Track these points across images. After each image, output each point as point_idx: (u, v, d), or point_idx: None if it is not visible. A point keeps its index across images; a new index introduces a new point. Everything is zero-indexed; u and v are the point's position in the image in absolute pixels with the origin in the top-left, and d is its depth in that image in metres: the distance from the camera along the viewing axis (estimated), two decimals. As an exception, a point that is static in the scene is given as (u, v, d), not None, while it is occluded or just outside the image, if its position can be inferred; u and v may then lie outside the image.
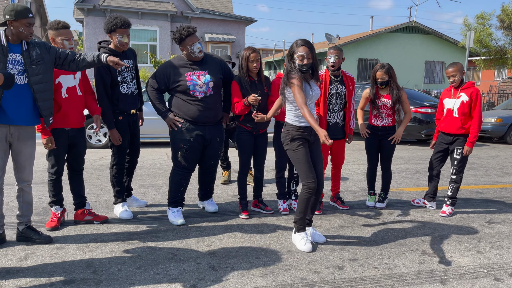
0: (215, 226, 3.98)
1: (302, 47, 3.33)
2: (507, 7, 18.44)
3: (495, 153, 9.98)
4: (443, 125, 4.58)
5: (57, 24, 3.62)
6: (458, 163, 4.50)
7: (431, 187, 4.81)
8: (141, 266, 3.07)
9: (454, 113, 4.44)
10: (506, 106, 13.70)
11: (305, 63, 3.33)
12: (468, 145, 4.38)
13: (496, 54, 19.59)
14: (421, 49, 24.46)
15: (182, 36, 3.82)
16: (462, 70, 4.41)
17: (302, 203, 3.47)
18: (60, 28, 3.62)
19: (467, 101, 4.35)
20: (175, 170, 4.02)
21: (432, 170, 4.77)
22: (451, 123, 4.47)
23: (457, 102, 4.42)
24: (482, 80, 29.31)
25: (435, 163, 4.73)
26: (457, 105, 4.41)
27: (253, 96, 3.86)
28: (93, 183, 5.61)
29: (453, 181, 4.57)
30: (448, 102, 4.54)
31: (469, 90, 4.39)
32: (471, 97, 4.35)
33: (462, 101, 4.38)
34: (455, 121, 4.44)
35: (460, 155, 4.47)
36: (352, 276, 3.00)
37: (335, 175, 4.70)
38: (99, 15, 17.68)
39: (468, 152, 4.41)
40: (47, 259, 3.15)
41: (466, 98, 4.36)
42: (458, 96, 4.42)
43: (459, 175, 4.53)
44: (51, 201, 3.80)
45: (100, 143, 8.85)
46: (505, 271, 3.15)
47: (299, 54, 3.33)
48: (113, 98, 3.98)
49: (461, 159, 4.48)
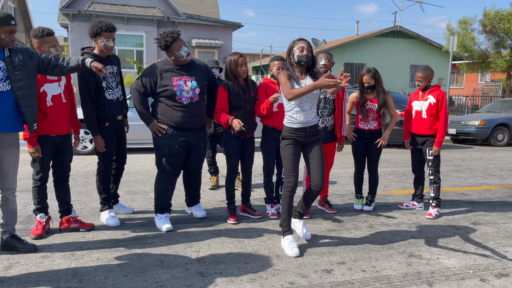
0: (203, 232, 3.96)
1: (302, 41, 3.44)
2: (489, 12, 18.81)
3: (480, 155, 10.14)
4: (413, 126, 4.77)
5: (41, 32, 3.56)
6: (432, 163, 4.65)
7: (417, 189, 4.89)
8: (128, 274, 3.03)
9: (423, 114, 4.65)
10: (490, 109, 13.95)
11: (305, 53, 3.41)
12: (436, 145, 4.57)
13: (479, 58, 19.95)
14: (406, 53, 24.79)
15: (167, 43, 3.79)
16: (430, 77, 4.63)
17: (283, 203, 3.54)
18: (44, 36, 3.56)
19: (434, 103, 4.57)
20: (160, 176, 3.99)
21: (416, 172, 4.87)
22: (421, 125, 4.67)
23: (425, 104, 4.64)
24: (466, 84, 29.81)
25: (416, 166, 4.86)
26: (425, 106, 4.62)
27: (239, 123, 3.86)
28: (79, 190, 5.54)
29: (433, 181, 4.69)
30: (416, 104, 4.74)
31: (435, 93, 4.60)
32: (438, 99, 4.56)
33: (430, 103, 4.59)
34: (424, 122, 4.64)
35: (432, 155, 4.62)
36: (340, 279, 3.00)
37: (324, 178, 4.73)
38: (84, 20, 17.55)
39: (437, 152, 4.58)
40: (32, 268, 3.09)
41: (433, 100, 4.57)
42: (426, 99, 4.64)
43: (436, 174, 4.66)
44: (35, 209, 3.74)
45: (86, 150, 8.75)
46: (491, 271, 3.19)
47: (299, 46, 3.42)
48: (98, 104, 3.94)
49: (434, 159, 4.63)
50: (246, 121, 4.17)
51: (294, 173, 3.48)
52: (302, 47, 3.41)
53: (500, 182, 6.68)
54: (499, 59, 19.00)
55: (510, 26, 17.93)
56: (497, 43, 19.19)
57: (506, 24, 18.05)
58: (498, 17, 18.40)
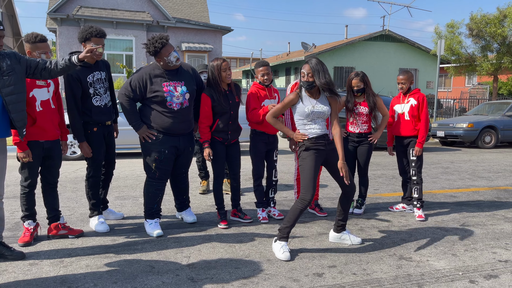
0: (193, 237, 3.94)
1: (305, 65, 3.51)
2: (476, 16, 19.10)
3: (468, 157, 10.26)
4: (396, 129, 4.85)
5: (34, 37, 3.53)
6: (415, 164, 4.73)
7: (406, 191, 4.92)
8: (118, 280, 3.00)
9: (405, 116, 4.75)
10: (477, 111, 14.13)
11: (305, 79, 3.48)
12: (418, 146, 4.67)
13: (466, 61, 20.24)
14: (394, 57, 25.04)
15: (157, 49, 3.75)
16: (411, 79, 4.77)
17: (292, 213, 3.49)
18: (37, 42, 3.53)
19: (415, 105, 4.70)
20: (149, 182, 3.97)
21: (404, 174, 4.93)
22: (404, 126, 4.76)
23: (406, 106, 4.75)
24: (454, 87, 30.17)
25: (403, 168, 4.92)
26: (407, 108, 4.73)
27: (210, 154, 4.00)
28: (68, 196, 5.48)
29: (415, 183, 4.76)
30: (398, 107, 4.84)
31: (416, 95, 4.73)
32: (418, 101, 4.69)
33: (411, 105, 4.71)
34: (407, 124, 4.74)
35: (415, 156, 4.70)
36: (331, 283, 3.01)
37: None
38: (73, 24, 17.43)
39: (419, 152, 4.67)
40: (20, 276, 3.05)
41: (415, 102, 4.70)
42: (407, 101, 4.75)
43: (419, 175, 4.75)
44: (23, 216, 3.69)
45: (75, 155, 8.68)
46: (480, 273, 3.22)
47: (301, 71, 3.52)
48: (85, 110, 3.90)
49: (417, 159, 4.72)
50: (231, 127, 4.16)
51: (313, 187, 3.45)
52: (303, 72, 3.50)
53: (488, 184, 6.76)
54: (486, 62, 19.29)
55: (496, 30, 18.23)
56: (484, 46, 19.49)
57: (492, 28, 18.35)
58: (485, 21, 18.71)
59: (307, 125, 3.57)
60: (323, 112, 3.53)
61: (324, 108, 3.53)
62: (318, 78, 3.43)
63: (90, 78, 3.87)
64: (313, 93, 3.57)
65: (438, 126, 13.07)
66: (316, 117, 3.54)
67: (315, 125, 3.55)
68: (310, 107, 3.52)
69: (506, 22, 18.40)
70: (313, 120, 3.55)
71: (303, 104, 3.54)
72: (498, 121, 12.53)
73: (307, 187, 3.43)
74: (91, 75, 3.88)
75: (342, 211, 3.78)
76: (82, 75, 3.82)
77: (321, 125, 3.57)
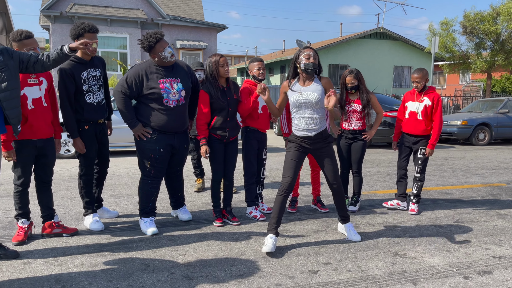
0: (189, 235, 3.94)
1: (308, 49, 3.56)
2: (469, 14, 19.17)
3: (462, 154, 10.32)
4: (407, 127, 4.80)
5: (19, 35, 3.48)
6: (421, 162, 4.73)
7: (401, 188, 4.92)
8: (112, 279, 2.99)
9: (418, 115, 4.69)
10: (471, 109, 14.21)
11: (311, 61, 3.52)
12: (429, 147, 4.65)
13: (460, 58, 20.31)
14: (389, 55, 25.10)
15: (151, 44, 3.74)
16: (427, 77, 4.69)
17: (275, 202, 3.59)
18: (23, 39, 3.49)
19: (429, 105, 4.63)
20: (144, 180, 3.95)
21: (401, 170, 4.92)
22: (416, 126, 4.71)
23: (420, 105, 4.68)
24: (448, 84, 30.30)
25: (402, 164, 4.90)
26: (421, 108, 4.67)
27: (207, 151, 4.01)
28: (62, 195, 5.45)
29: (418, 179, 4.79)
30: (411, 105, 4.76)
31: (431, 95, 4.66)
32: (433, 102, 4.63)
33: (425, 105, 4.64)
34: (419, 124, 4.68)
35: (423, 155, 4.71)
36: (326, 280, 3.02)
37: (315, 178, 4.79)
38: (66, 22, 17.31)
39: (430, 154, 4.67)
40: (14, 275, 3.03)
41: (429, 102, 4.63)
42: (421, 100, 4.69)
43: (423, 174, 4.77)
44: (17, 214, 3.67)
45: (68, 153, 8.63)
46: (474, 269, 3.25)
47: (305, 54, 3.54)
48: (77, 107, 3.87)
49: (424, 158, 4.72)
50: (229, 124, 4.13)
51: (290, 174, 3.56)
52: (309, 55, 3.52)
53: (482, 181, 6.81)
54: (479, 60, 19.38)
55: (489, 27, 18.30)
56: (477, 44, 19.57)
57: (486, 25, 18.42)
58: (478, 18, 18.78)
59: (295, 116, 3.64)
60: (309, 101, 3.54)
61: (311, 95, 3.54)
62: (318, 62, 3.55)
63: (84, 74, 3.84)
64: (307, 79, 3.61)
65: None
66: (302, 106, 3.57)
67: (302, 121, 3.58)
68: (296, 96, 3.58)
69: (499, 20, 18.48)
70: (299, 108, 3.58)
71: (292, 91, 3.62)
72: (491, 119, 12.61)
73: (284, 175, 3.58)
74: (86, 72, 3.85)
75: (337, 207, 3.86)
76: (76, 71, 3.79)
77: (310, 118, 3.57)
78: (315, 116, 3.58)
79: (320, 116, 3.61)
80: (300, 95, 3.55)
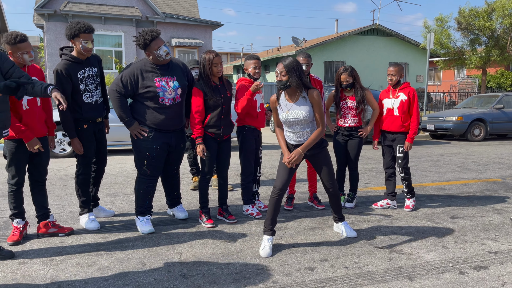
0: (185, 233, 3.93)
1: (278, 64, 3.36)
2: (464, 10, 19.21)
3: (457, 150, 10.35)
4: (384, 124, 4.78)
5: (14, 38, 3.36)
6: (402, 160, 4.72)
7: (390, 186, 4.86)
8: (109, 278, 2.98)
9: (394, 112, 4.68)
10: (466, 104, 14.25)
11: (278, 79, 3.37)
12: (408, 141, 4.64)
13: (455, 55, 20.36)
14: (384, 51, 25.12)
15: (146, 42, 3.71)
16: (402, 72, 4.71)
17: (269, 204, 3.56)
18: (18, 42, 3.37)
19: (405, 100, 4.63)
20: (140, 178, 3.93)
21: (388, 169, 4.86)
22: (393, 122, 4.70)
23: (396, 101, 4.68)
24: (443, 80, 30.38)
25: (389, 163, 4.84)
26: (397, 104, 4.67)
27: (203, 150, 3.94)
28: (58, 194, 5.43)
29: (404, 178, 4.78)
30: (387, 102, 4.75)
31: (406, 90, 4.67)
32: (409, 96, 4.63)
33: (401, 100, 4.64)
34: (396, 120, 4.67)
35: (403, 152, 4.69)
36: (323, 277, 3.02)
37: (311, 175, 4.79)
38: (60, 20, 17.20)
39: (409, 148, 4.66)
40: (9, 275, 3.01)
41: (405, 97, 4.64)
42: (397, 96, 4.68)
43: (406, 171, 4.76)
44: (12, 214, 3.65)
45: (64, 152, 8.59)
46: (469, 264, 3.26)
47: (275, 70, 3.37)
48: (75, 106, 3.86)
49: (404, 156, 4.71)
50: (223, 121, 4.08)
51: (284, 177, 3.51)
52: (276, 72, 3.35)
53: (477, 176, 6.84)
54: (474, 56, 19.44)
55: (484, 23, 18.35)
56: (472, 40, 19.62)
57: (481, 21, 18.47)
58: (473, 14, 18.83)
59: (287, 132, 3.56)
60: (298, 119, 3.42)
61: (299, 114, 3.39)
62: (292, 76, 3.29)
63: (81, 74, 3.82)
64: (291, 94, 3.43)
65: (428, 120, 13.16)
66: (292, 124, 3.47)
67: (294, 134, 3.51)
68: (284, 115, 3.46)
69: (494, 15, 18.54)
70: (290, 125, 3.48)
71: (280, 109, 3.50)
72: (487, 114, 12.65)
73: (278, 177, 3.54)
74: (82, 71, 3.83)
75: (332, 209, 3.87)
76: (72, 71, 3.76)
77: (301, 133, 3.49)
78: (305, 130, 3.49)
79: (312, 128, 3.50)
80: (288, 114, 3.44)
